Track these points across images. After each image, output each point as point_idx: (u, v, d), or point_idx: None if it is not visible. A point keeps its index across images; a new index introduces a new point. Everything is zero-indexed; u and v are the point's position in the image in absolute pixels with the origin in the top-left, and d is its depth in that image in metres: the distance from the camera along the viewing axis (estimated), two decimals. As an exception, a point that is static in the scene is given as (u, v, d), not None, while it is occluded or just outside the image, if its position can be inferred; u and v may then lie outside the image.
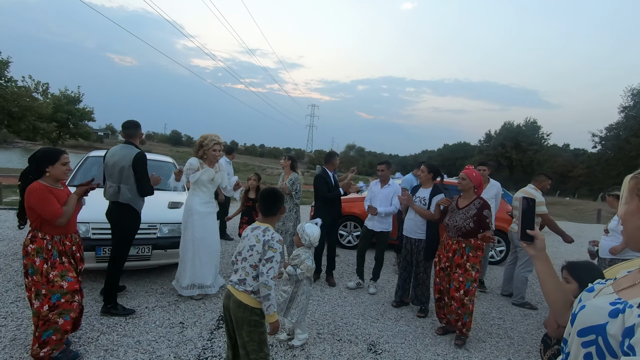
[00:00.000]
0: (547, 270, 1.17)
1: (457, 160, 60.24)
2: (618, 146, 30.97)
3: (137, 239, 3.87)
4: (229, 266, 4.97)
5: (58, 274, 2.42)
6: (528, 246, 1.20)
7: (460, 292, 3.26)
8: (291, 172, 4.91)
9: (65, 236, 2.54)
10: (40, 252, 2.39)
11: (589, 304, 0.94)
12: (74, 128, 27.01)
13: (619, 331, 0.81)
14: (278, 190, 2.35)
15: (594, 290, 1.00)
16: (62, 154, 2.53)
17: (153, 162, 5.83)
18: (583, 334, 0.90)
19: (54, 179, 2.49)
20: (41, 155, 2.48)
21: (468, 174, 3.40)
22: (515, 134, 39.31)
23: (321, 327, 3.46)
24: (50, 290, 2.39)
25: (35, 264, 2.37)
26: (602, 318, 0.86)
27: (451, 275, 3.32)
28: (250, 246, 2.15)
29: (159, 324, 3.20)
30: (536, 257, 1.18)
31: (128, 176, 3.27)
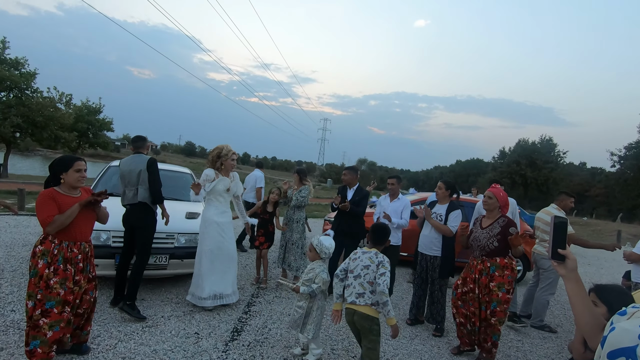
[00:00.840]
0: (578, 292, 1.15)
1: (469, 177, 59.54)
2: (638, 166, 30.18)
3: (154, 248, 3.96)
4: (241, 278, 4.99)
5: (59, 281, 2.38)
6: (559, 265, 1.19)
7: (487, 313, 3.18)
8: (301, 184, 4.98)
9: (74, 243, 2.50)
10: (45, 255, 2.38)
11: (619, 326, 0.94)
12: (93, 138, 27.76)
13: None
14: (387, 225, 3.01)
15: (626, 314, 0.99)
16: (76, 160, 2.53)
17: (170, 172, 5.95)
18: (613, 356, 0.90)
19: (68, 186, 2.50)
20: (56, 163, 2.54)
21: (495, 193, 3.35)
22: (530, 152, 38.71)
23: (335, 343, 3.42)
24: (47, 297, 2.34)
25: (37, 266, 2.36)
26: (632, 340, 0.86)
27: (480, 298, 3.22)
28: (365, 266, 2.69)
29: (174, 333, 3.23)
30: (567, 277, 1.17)
31: (144, 179, 3.58)
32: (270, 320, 3.74)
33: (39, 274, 2.35)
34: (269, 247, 4.83)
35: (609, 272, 8.70)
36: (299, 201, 4.85)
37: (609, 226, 21.82)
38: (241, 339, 3.26)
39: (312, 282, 3.01)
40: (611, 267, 9.39)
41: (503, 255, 3.23)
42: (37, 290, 2.34)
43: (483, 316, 3.21)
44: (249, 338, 3.30)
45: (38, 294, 2.33)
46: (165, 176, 5.69)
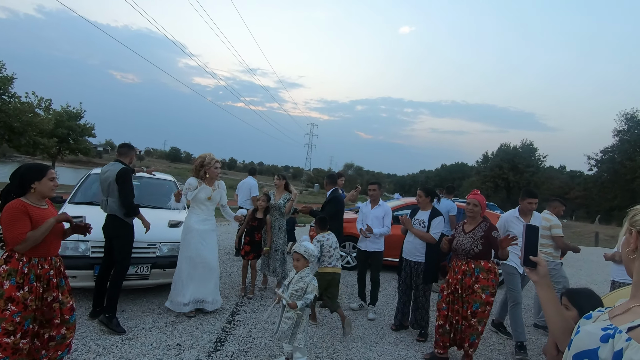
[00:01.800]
0: (549, 297, 1.20)
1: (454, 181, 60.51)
2: (613, 169, 31.25)
3: (135, 257, 3.89)
4: (226, 286, 4.93)
5: (34, 299, 2.22)
6: (531, 272, 1.23)
7: (468, 313, 3.24)
8: (284, 191, 4.98)
9: (45, 259, 2.33)
10: (12, 275, 2.16)
11: (583, 329, 0.98)
12: (74, 143, 27.04)
13: (609, 355, 0.85)
14: (326, 217, 3.47)
15: (591, 318, 1.04)
16: (49, 169, 2.38)
17: (153, 180, 5.85)
18: (577, 358, 0.94)
19: (39, 196, 2.32)
20: (25, 170, 2.31)
21: (480, 201, 3.43)
22: (512, 156, 39.66)
23: (320, 351, 3.41)
24: (25, 317, 2.18)
25: (2, 287, 2.13)
26: (594, 343, 0.90)
27: (463, 298, 3.28)
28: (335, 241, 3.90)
29: (155, 345, 3.16)
30: (538, 283, 1.22)
31: (113, 189, 3.45)
32: (254, 329, 3.70)
33: (5, 295, 2.12)
34: (254, 257, 4.78)
35: (587, 272, 8.95)
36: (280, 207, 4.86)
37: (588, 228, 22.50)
38: (224, 350, 3.22)
39: (304, 292, 2.99)
40: (589, 268, 9.68)
41: (487, 258, 3.31)
42: (9, 313, 2.12)
43: (464, 314, 3.27)
44: (232, 348, 3.26)
45: (17, 317, 2.14)
46: (148, 184, 5.66)
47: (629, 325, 0.86)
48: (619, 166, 30.37)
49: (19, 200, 2.25)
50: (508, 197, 38.81)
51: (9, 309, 2.13)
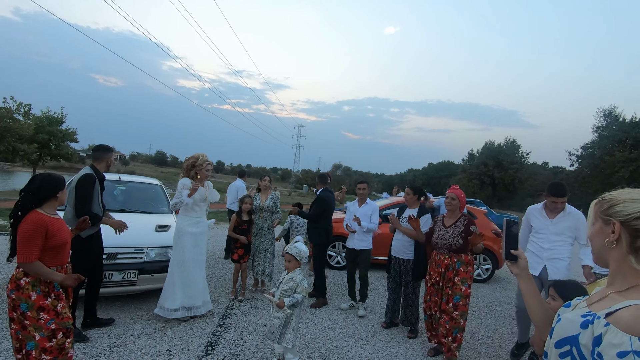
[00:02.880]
0: (530, 288, 1.24)
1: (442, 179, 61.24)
2: (594, 164, 32.18)
3: (122, 263, 3.84)
4: (216, 290, 4.89)
5: (65, 306, 2.31)
6: (512, 265, 1.27)
7: (449, 305, 3.31)
8: (270, 191, 5.01)
9: (62, 267, 2.40)
10: (36, 286, 2.21)
11: (563, 317, 1.02)
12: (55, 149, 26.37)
13: (589, 340, 0.89)
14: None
15: (570, 306, 1.09)
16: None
17: (138, 184, 5.78)
18: (559, 345, 0.97)
19: (54, 207, 2.36)
20: (53, 181, 2.35)
21: (458, 195, 3.52)
22: (496, 153, 40.46)
23: (312, 351, 3.42)
24: (61, 323, 2.25)
25: (30, 299, 2.18)
26: (574, 329, 0.94)
27: (444, 290, 3.38)
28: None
29: (145, 352, 3.11)
30: (520, 275, 1.26)
31: (71, 197, 3.22)
32: (245, 332, 3.68)
33: (36, 306, 2.19)
34: (247, 260, 4.77)
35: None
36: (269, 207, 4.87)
37: (571, 222, 23.08)
38: (215, 353, 3.19)
39: (294, 292, 2.99)
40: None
41: (466, 252, 3.42)
42: (43, 322, 2.19)
43: (444, 307, 3.36)
44: (223, 352, 3.24)
45: (51, 324, 2.20)
46: (134, 188, 5.59)
47: (606, 311, 0.90)
48: (599, 161, 31.29)
49: (38, 214, 2.25)
50: (494, 194, 39.56)
51: (42, 318, 2.20)
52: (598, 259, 1.04)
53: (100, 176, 3.41)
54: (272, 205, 4.88)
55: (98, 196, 3.34)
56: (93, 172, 3.33)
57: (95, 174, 3.34)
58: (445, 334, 3.34)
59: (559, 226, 3.35)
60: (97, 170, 3.41)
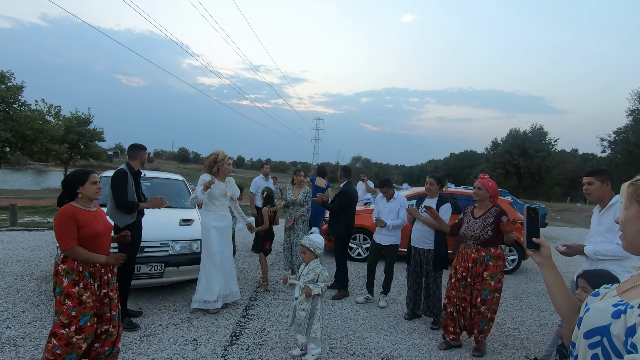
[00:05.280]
0: (554, 277, 1.19)
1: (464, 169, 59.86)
2: (628, 150, 30.50)
3: (149, 257, 3.97)
4: (239, 282, 4.99)
5: (90, 296, 2.38)
6: (534, 254, 1.23)
7: (477, 300, 3.24)
8: (304, 185, 5.03)
9: None
10: (70, 273, 2.34)
11: (593, 306, 0.97)
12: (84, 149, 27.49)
13: (622, 331, 0.84)
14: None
15: (599, 295, 1.03)
16: (91, 173, 2.53)
17: (162, 180, 5.97)
18: (589, 335, 0.93)
19: (86, 200, 2.47)
20: (71, 177, 2.50)
21: (484, 184, 3.38)
22: (521, 141, 39.01)
23: (334, 342, 3.44)
24: (82, 312, 2.33)
25: (62, 284, 2.32)
26: (605, 319, 0.89)
27: (473, 286, 3.27)
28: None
29: (172, 341, 3.23)
30: (542, 264, 1.21)
31: (109, 193, 3.49)
32: (268, 323, 3.75)
33: (65, 292, 2.32)
34: (268, 252, 4.87)
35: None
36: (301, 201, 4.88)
37: (603, 211, 22.05)
38: (240, 343, 3.27)
39: (316, 282, 3.03)
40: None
41: (496, 245, 3.28)
42: (65, 307, 2.29)
43: (474, 302, 3.27)
44: (247, 341, 3.31)
45: (72, 311, 2.30)
46: (158, 184, 5.75)
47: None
48: (634, 146, 29.63)
49: (69, 205, 2.42)
50: (519, 184, 38.28)
51: (65, 304, 2.30)
52: (631, 246, 0.97)
53: (133, 172, 3.61)
54: (303, 200, 4.90)
55: (132, 189, 3.55)
56: (126, 168, 3.55)
57: (128, 169, 3.56)
58: (472, 326, 3.28)
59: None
60: (131, 167, 3.62)
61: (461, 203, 6.73)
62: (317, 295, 3.03)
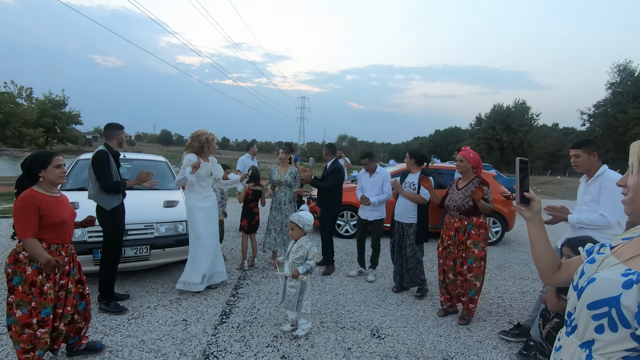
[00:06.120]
0: (540, 233, 1.16)
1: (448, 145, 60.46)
2: (606, 123, 31.28)
3: (134, 239, 3.90)
4: (227, 262, 4.98)
5: (52, 287, 2.27)
6: (525, 209, 1.18)
7: (463, 268, 3.33)
8: (289, 165, 4.88)
9: (62, 246, 2.39)
10: (34, 261, 2.22)
11: (599, 277, 0.93)
12: (61, 132, 26.52)
13: (634, 302, 0.82)
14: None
15: (595, 262, 1.00)
16: (54, 156, 2.36)
17: (145, 162, 5.81)
18: (594, 306, 0.90)
19: (49, 184, 2.32)
20: (31, 160, 2.31)
21: (465, 156, 3.43)
22: (505, 116, 39.53)
23: (324, 316, 3.49)
24: (42, 304, 2.23)
25: (25, 273, 2.20)
26: (615, 290, 0.86)
27: (456, 253, 3.38)
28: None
29: (162, 322, 3.21)
30: (531, 219, 1.17)
31: (90, 174, 3.35)
32: (258, 301, 3.76)
33: (28, 281, 2.20)
34: (251, 230, 4.87)
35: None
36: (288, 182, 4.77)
37: (581, 183, 22.78)
38: (230, 321, 3.28)
39: (305, 259, 3.03)
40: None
41: (479, 214, 3.36)
42: (29, 297, 2.20)
43: (458, 270, 3.37)
44: (238, 320, 3.32)
45: (32, 302, 2.20)
46: (139, 165, 5.58)
47: None
48: (612, 119, 30.41)
49: (31, 190, 2.26)
50: (502, 158, 39.06)
51: (31, 293, 2.22)
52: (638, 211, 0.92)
53: (113, 153, 3.46)
54: (291, 181, 4.74)
55: (115, 170, 3.43)
56: (106, 149, 3.41)
57: (108, 150, 3.41)
58: (462, 293, 3.38)
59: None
60: (110, 147, 3.47)
61: (447, 178, 6.82)
62: (307, 272, 3.04)
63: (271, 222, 4.79)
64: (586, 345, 0.94)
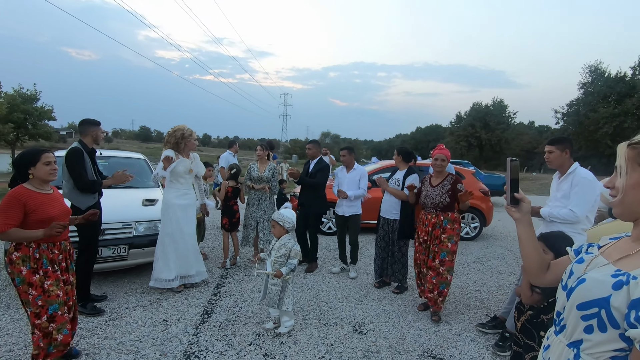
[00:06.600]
0: (529, 233, 1.18)
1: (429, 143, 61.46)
2: (578, 121, 32.48)
3: (111, 239, 3.79)
4: (209, 260, 4.92)
5: (53, 283, 2.28)
6: (515, 210, 1.18)
7: (435, 262, 3.41)
8: (268, 162, 4.90)
9: (54, 244, 2.36)
10: (26, 261, 2.22)
11: (589, 277, 0.93)
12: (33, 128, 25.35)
13: (623, 303, 0.82)
14: None
15: (584, 262, 1.01)
16: (43, 152, 2.35)
17: (122, 159, 5.66)
18: (584, 307, 0.90)
19: (39, 181, 2.32)
20: (20, 157, 2.32)
21: (447, 155, 3.54)
22: (483, 114, 40.47)
23: (307, 313, 3.50)
24: (47, 301, 2.25)
25: (21, 274, 2.21)
26: (605, 291, 0.86)
27: (430, 248, 3.47)
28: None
29: (141, 323, 3.14)
30: (520, 220, 1.18)
31: (64, 172, 3.25)
32: (241, 299, 3.74)
33: (26, 281, 2.21)
34: (232, 229, 4.81)
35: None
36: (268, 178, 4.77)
37: (555, 179, 23.62)
38: (212, 320, 3.25)
39: (287, 257, 3.02)
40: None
41: (453, 210, 3.48)
42: (32, 297, 2.21)
43: (430, 264, 3.47)
44: (220, 319, 3.29)
45: (38, 301, 2.22)
46: (116, 163, 5.43)
47: None
48: (584, 118, 31.59)
49: (21, 187, 2.26)
50: (481, 155, 40.01)
51: (31, 294, 2.22)
52: (629, 212, 0.91)
53: (88, 150, 3.36)
54: (270, 177, 4.78)
55: (90, 168, 3.32)
56: (80, 146, 3.30)
57: (82, 147, 3.30)
58: (431, 289, 3.44)
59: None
60: (84, 144, 3.36)
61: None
62: (291, 271, 3.05)
63: (248, 218, 4.78)
64: (574, 345, 0.94)
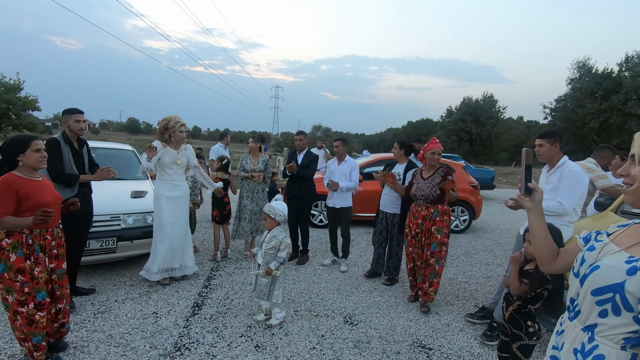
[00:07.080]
0: (540, 222, 1.20)
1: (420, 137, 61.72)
2: (566, 117, 32.99)
3: (99, 231, 3.74)
4: (200, 253, 4.89)
5: (42, 271, 2.26)
6: (528, 200, 1.20)
7: (427, 254, 3.45)
8: (260, 154, 4.87)
9: (46, 230, 2.34)
10: (18, 247, 2.18)
11: (603, 264, 0.97)
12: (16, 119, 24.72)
13: (637, 288, 0.86)
14: None
15: (595, 249, 1.04)
16: (33, 140, 2.30)
17: (110, 150, 5.55)
18: (599, 293, 0.94)
19: (29, 169, 2.27)
20: (9, 144, 2.27)
21: (441, 149, 3.56)
22: (473, 109, 40.78)
23: (298, 305, 3.51)
24: (35, 288, 2.22)
25: (9, 260, 2.16)
26: (619, 276, 0.91)
27: (423, 241, 3.50)
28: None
29: (130, 316, 3.11)
30: (532, 209, 1.20)
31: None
32: (232, 291, 3.73)
33: (14, 267, 2.17)
34: (223, 221, 4.77)
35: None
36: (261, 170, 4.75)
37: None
38: (202, 313, 3.24)
39: (277, 250, 3.02)
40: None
41: (443, 202, 3.51)
42: (19, 284, 2.18)
43: (424, 258, 3.50)
44: (210, 311, 3.28)
45: (25, 287, 2.19)
46: (104, 154, 5.33)
47: None
48: (571, 113, 32.09)
49: (10, 174, 2.21)
50: (471, 149, 40.40)
51: (18, 280, 2.19)
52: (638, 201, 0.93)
53: (68, 140, 3.26)
54: (263, 169, 4.76)
55: (69, 159, 3.22)
56: (60, 137, 3.21)
57: (63, 138, 3.22)
58: (423, 280, 3.49)
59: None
60: (66, 135, 3.27)
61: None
62: (281, 265, 3.04)
63: (242, 210, 4.75)
64: (589, 328, 0.99)
